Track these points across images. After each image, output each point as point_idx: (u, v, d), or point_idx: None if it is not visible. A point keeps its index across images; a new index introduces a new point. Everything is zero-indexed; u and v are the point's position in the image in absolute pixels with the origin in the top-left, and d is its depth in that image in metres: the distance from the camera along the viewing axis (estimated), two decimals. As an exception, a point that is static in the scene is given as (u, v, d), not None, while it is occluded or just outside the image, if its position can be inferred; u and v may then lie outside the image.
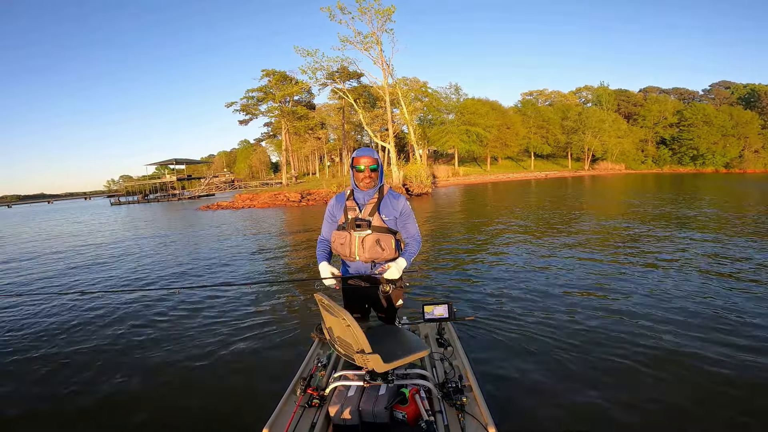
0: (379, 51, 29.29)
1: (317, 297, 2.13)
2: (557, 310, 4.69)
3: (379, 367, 1.95)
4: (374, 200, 2.44)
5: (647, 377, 3.20)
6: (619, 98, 69.58)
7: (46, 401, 3.36)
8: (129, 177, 74.01)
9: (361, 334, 1.91)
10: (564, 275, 6.23)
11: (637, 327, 4.12)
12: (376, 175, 2.44)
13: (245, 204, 28.13)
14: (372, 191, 2.46)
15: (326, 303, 2.04)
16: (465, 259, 7.86)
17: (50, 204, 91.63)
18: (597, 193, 25.45)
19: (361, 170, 2.41)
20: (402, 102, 31.05)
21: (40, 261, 10.54)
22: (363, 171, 2.41)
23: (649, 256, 7.24)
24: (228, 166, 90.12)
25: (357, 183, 2.46)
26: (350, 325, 1.92)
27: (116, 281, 7.64)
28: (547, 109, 65.00)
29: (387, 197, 2.48)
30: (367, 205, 2.43)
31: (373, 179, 2.44)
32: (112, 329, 4.88)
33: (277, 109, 41.40)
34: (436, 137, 53.99)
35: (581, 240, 9.11)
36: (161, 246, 11.91)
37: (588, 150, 60.34)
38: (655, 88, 76.48)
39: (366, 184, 2.43)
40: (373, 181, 2.44)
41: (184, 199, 48.65)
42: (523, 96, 71.07)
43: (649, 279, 5.81)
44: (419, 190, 28.67)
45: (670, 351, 3.59)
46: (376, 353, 1.92)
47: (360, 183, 2.44)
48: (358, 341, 1.94)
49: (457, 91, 55.27)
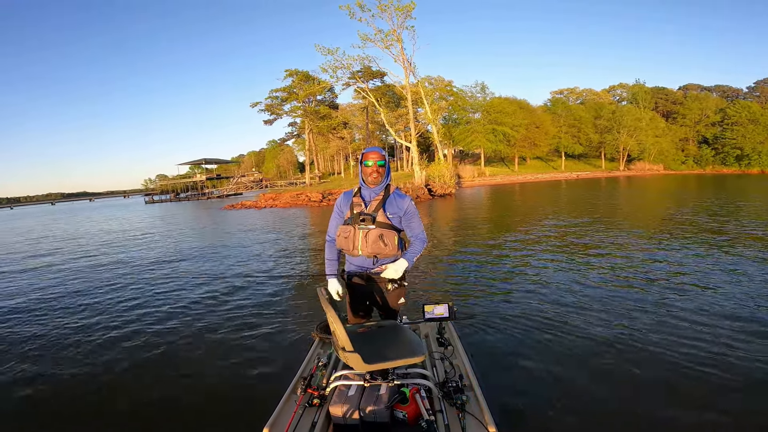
0: (400, 48, 29.00)
1: (320, 292, 2.18)
2: (558, 311, 4.69)
3: (358, 367, 1.95)
4: (380, 197, 2.52)
5: (648, 377, 3.20)
6: (657, 96, 66.17)
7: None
8: (165, 176, 76.90)
9: (342, 332, 1.93)
10: (566, 277, 6.14)
11: (637, 330, 4.07)
12: (383, 170, 2.52)
13: (268, 204, 28.49)
14: (378, 189, 2.54)
15: (323, 300, 2.09)
16: (468, 258, 7.87)
17: (91, 201, 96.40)
18: (629, 195, 24.24)
19: (369, 165, 2.49)
20: (425, 101, 30.56)
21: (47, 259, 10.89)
22: (371, 166, 2.49)
23: (665, 271, 6.38)
24: (257, 165, 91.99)
25: (365, 178, 2.54)
26: (334, 322, 1.97)
27: (112, 280, 7.68)
28: (579, 107, 62.51)
29: (393, 196, 2.56)
30: (372, 202, 2.52)
31: (381, 174, 2.51)
32: (110, 329, 4.86)
33: (300, 109, 41.76)
34: (461, 137, 52.94)
35: (593, 245, 8.74)
36: (172, 244, 12.18)
37: (623, 150, 57.65)
38: (695, 85, 72.30)
39: (374, 179, 2.50)
40: (381, 176, 2.51)
41: (213, 197, 49.98)
42: (552, 94, 68.85)
43: (659, 294, 5.27)
44: (442, 191, 28.13)
45: (670, 354, 3.56)
46: (356, 353, 1.91)
47: (368, 178, 2.51)
48: (340, 339, 1.96)
49: (483, 89, 54.01)
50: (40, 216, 39.85)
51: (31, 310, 5.95)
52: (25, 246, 14.59)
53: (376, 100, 33.58)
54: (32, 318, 5.59)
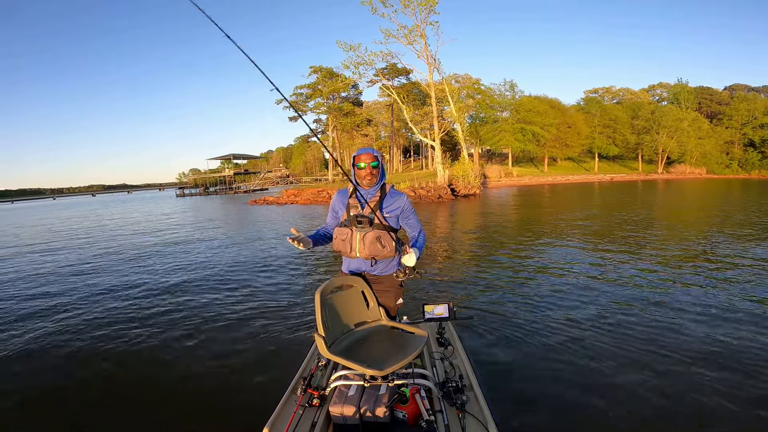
0: (424, 44, 28.42)
1: (316, 296, 2.22)
2: (558, 312, 4.70)
3: (322, 351, 2.10)
4: (376, 198, 2.49)
5: (648, 378, 3.20)
6: (701, 96, 62.55)
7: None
8: (197, 170, 79.28)
9: (318, 312, 2.15)
10: (568, 279, 6.13)
11: (637, 331, 4.09)
12: (377, 171, 2.48)
13: (290, 200, 28.72)
14: (374, 189, 2.50)
15: (317, 306, 2.16)
16: (470, 259, 7.91)
17: (129, 194, 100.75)
18: (665, 200, 22.81)
19: (363, 168, 2.45)
20: (450, 99, 29.87)
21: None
22: (364, 168, 2.45)
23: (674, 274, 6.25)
24: (285, 161, 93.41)
25: (359, 181, 2.51)
26: (316, 304, 2.14)
27: (108, 278, 7.67)
28: (615, 107, 59.78)
29: (388, 195, 2.53)
30: (369, 203, 2.48)
31: (375, 176, 2.48)
32: (107, 329, 4.81)
33: (324, 106, 41.84)
34: (488, 136, 51.64)
35: (600, 248, 8.50)
36: (183, 241, 12.31)
37: (662, 151, 54.75)
38: (742, 85, 68.09)
39: (368, 181, 2.47)
40: (375, 178, 2.48)
41: (240, 192, 51.04)
42: (586, 93, 66.21)
43: (659, 295, 5.30)
44: (466, 191, 27.47)
45: (671, 354, 3.58)
46: (321, 337, 2.11)
47: (362, 180, 2.48)
48: (320, 347, 2.12)
49: (512, 88, 52.50)
50: (65, 209, 41.81)
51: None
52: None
53: (401, 97, 33.17)
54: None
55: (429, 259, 7.92)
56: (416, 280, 6.06)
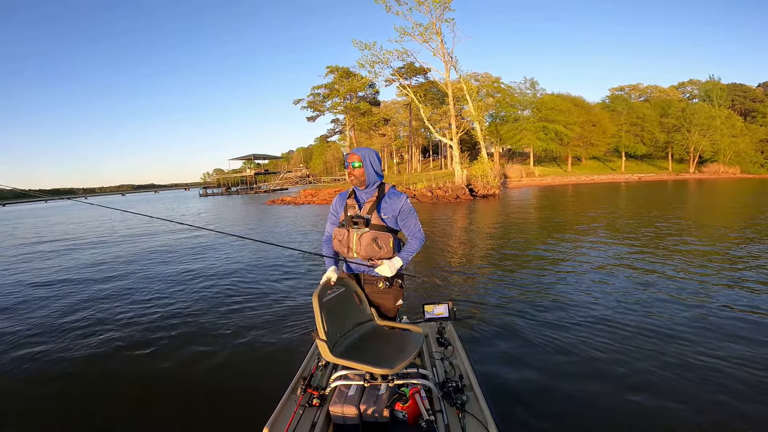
0: (440, 42, 28.03)
1: (313, 299, 2.24)
2: (559, 312, 4.68)
3: (325, 355, 2.10)
4: (374, 198, 2.47)
5: (649, 379, 3.18)
6: (734, 93, 59.52)
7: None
8: (221, 170, 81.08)
9: (318, 317, 2.16)
10: (570, 280, 6.07)
11: (638, 332, 4.06)
12: (359, 171, 2.45)
13: (306, 200, 28.92)
14: (371, 189, 2.49)
15: (315, 308, 2.18)
16: (472, 259, 7.85)
17: (156, 193, 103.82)
18: (701, 200, 21.78)
19: (347, 168, 2.47)
20: (468, 97, 29.39)
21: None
22: (347, 169, 2.47)
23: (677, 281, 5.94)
24: (305, 161, 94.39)
25: (350, 181, 2.52)
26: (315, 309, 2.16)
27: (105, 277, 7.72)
28: (642, 104, 57.60)
29: (387, 196, 2.50)
30: (366, 203, 2.47)
31: (358, 176, 2.46)
32: (106, 329, 4.84)
33: (341, 105, 41.87)
34: (509, 135, 50.64)
35: (606, 249, 8.31)
36: (196, 240, 12.44)
37: (693, 150, 52.46)
38: (778, 82, 64.30)
39: (352, 181, 2.48)
40: (358, 178, 2.46)
41: (260, 192, 51.82)
42: (611, 91, 64.14)
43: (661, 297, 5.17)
44: (485, 191, 26.96)
45: (671, 356, 3.55)
46: (324, 341, 2.10)
47: (352, 181, 2.50)
48: (322, 351, 2.13)
49: (533, 86, 51.37)
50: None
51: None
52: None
53: (418, 97, 32.88)
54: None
55: (430, 259, 7.85)
56: (416, 280, 6.02)
